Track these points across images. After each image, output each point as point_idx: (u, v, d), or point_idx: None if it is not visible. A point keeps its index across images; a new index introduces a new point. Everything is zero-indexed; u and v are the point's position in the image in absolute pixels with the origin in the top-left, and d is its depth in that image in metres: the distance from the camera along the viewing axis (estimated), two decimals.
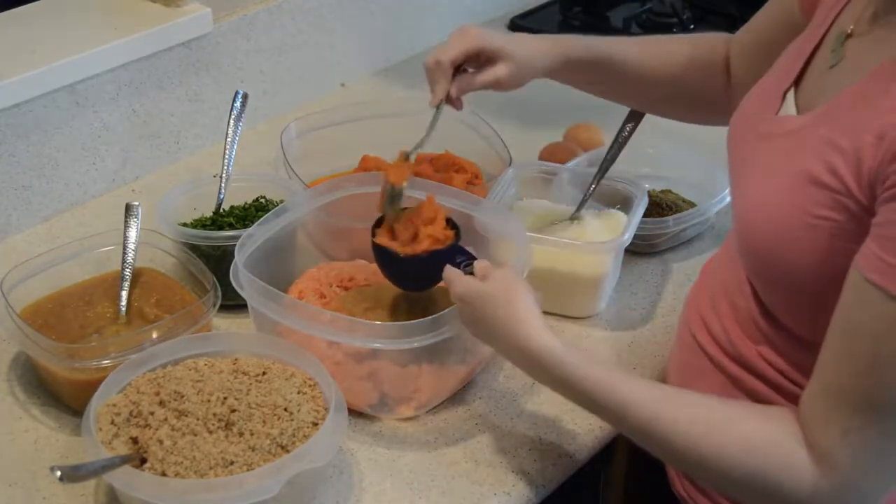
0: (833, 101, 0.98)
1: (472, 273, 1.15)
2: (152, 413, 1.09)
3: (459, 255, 1.19)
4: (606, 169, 1.46)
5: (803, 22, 1.15)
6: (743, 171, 1.08)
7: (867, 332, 0.90)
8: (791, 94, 1.06)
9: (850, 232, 0.93)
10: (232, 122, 1.49)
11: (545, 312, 1.32)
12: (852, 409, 0.91)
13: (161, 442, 1.06)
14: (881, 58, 0.95)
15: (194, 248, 1.36)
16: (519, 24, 2.14)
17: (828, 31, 1.07)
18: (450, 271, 1.16)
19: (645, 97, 1.40)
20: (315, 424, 1.09)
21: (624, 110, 1.51)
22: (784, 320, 1.05)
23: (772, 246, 1.00)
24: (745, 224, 1.05)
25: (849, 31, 1.03)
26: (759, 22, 1.29)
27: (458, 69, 1.26)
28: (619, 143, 1.46)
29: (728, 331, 1.11)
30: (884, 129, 0.89)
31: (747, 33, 1.31)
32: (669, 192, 1.59)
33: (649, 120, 1.48)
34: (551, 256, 1.34)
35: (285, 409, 1.10)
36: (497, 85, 1.27)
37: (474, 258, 1.19)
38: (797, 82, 1.07)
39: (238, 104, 1.50)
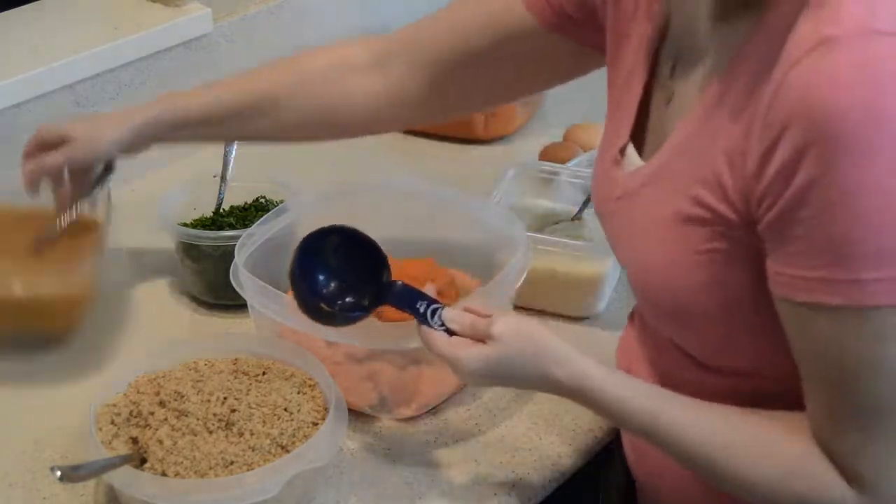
0: (675, 134, 0.95)
1: (443, 325, 1.03)
2: (152, 413, 1.09)
3: (419, 299, 1.05)
4: None
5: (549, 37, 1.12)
6: (616, 232, 1.06)
7: (821, 353, 0.88)
8: (630, 149, 1.02)
9: (739, 253, 0.90)
10: None
11: (545, 312, 1.32)
12: (850, 427, 0.90)
13: (161, 442, 1.06)
14: (707, 80, 0.93)
15: (194, 248, 1.36)
16: None
17: (651, 74, 1.03)
18: (441, 347, 1.02)
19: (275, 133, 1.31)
20: (315, 424, 1.09)
21: None
22: (693, 353, 1.02)
23: (674, 295, 0.97)
24: (641, 286, 1.03)
25: (673, 64, 1.00)
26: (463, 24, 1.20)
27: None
28: None
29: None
30: (728, 151, 0.87)
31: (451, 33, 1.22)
32: None
33: None
34: (551, 257, 1.34)
35: (285, 409, 1.10)
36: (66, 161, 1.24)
37: (436, 301, 1.06)
38: (636, 135, 1.03)
39: None
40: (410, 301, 1.06)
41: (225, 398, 1.10)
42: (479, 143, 1.75)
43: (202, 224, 1.42)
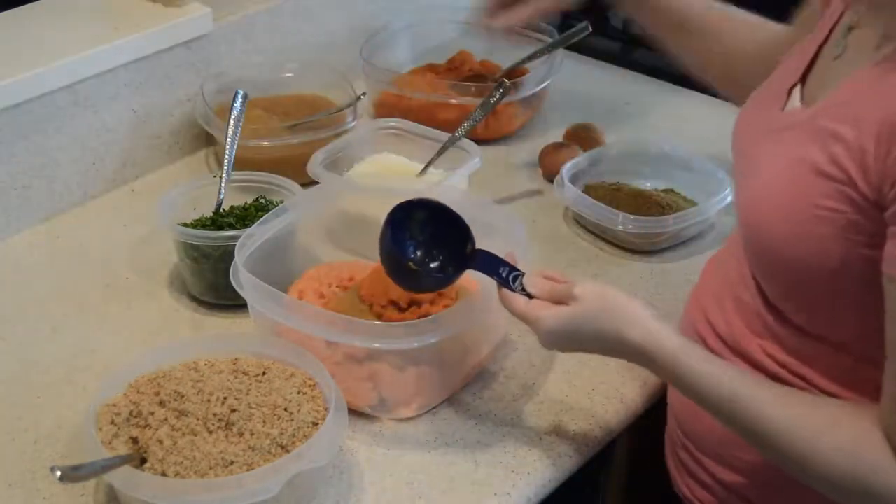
0: (835, 90, 0.98)
1: (524, 290, 1.08)
2: (152, 413, 1.09)
3: (501, 265, 1.11)
4: (466, 132, 1.52)
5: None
6: (747, 167, 1.08)
7: None
8: (797, 90, 1.06)
9: (858, 224, 0.92)
10: (232, 122, 1.49)
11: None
12: None
13: (161, 442, 1.06)
14: (880, 50, 0.95)
15: (194, 248, 1.36)
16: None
17: (835, 25, 1.07)
18: (522, 308, 1.07)
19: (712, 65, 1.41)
20: (315, 424, 1.09)
21: (624, 108, 1.51)
22: (788, 314, 1.05)
23: (778, 240, 0.99)
24: (751, 219, 1.04)
25: (853, 23, 1.03)
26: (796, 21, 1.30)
27: None
28: (480, 111, 1.54)
29: (731, 325, 1.11)
30: (883, 122, 0.89)
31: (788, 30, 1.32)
32: (671, 191, 1.59)
33: (650, 120, 1.48)
34: (365, 202, 1.38)
35: (285, 409, 1.10)
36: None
37: (517, 269, 1.11)
38: (804, 78, 1.07)
39: (238, 104, 1.50)
40: (493, 267, 1.11)
41: (225, 398, 1.10)
42: (480, 143, 1.75)
43: (202, 224, 1.41)
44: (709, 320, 1.15)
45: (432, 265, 1.16)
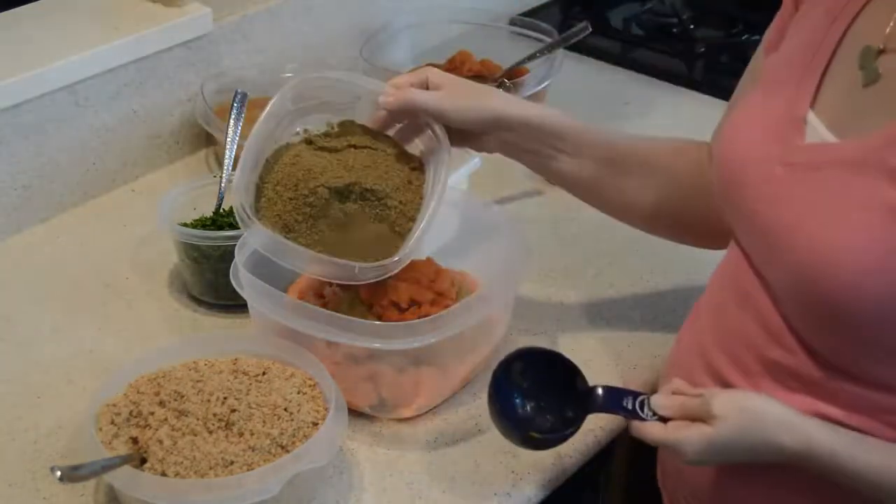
0: (893, 124, 0.91)
1: (655, 414, 1.03)
2: (152, 413, 1.09)
3: (624, 396, 1.07)
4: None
5: None
6: (779, 211, 0.98)
7: None
8: (814, 119, 0.98)
9: None
10: (232, 122, 1.49)
11: None
12: None
13: (161, 442, 1.06)
14: None
15: (194, 248, 1.36)
16: (519, 22, 2.13)
17: (838, 45, 1.00)
18: (660, 435, 1.01)
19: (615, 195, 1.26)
20: (315, 424, 1.09)
21: (624, 108, 1.51)
22: (848, 367, 0.98)
23: (849, 289, 0.91)
24: (816, 272, 0.94)
25: (881, 48, 0.95)
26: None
27: None
28: None
29: (760, 388, 1.04)
30: None
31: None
32: None
33: (650, 121, 1.46)
34: None
35: (285, 409, 1.10)
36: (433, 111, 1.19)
37: (639, 392, 1.07)
38: (812, 104, 0.99)
39: (238, 104, 1.50)
40: (616, 402, 1.07)
41: (225, 398, 1.10)
42: None
43: (202, 224, 1.42)
44: (719, 374, 1.09)
45: (548, 416, 1.10)
